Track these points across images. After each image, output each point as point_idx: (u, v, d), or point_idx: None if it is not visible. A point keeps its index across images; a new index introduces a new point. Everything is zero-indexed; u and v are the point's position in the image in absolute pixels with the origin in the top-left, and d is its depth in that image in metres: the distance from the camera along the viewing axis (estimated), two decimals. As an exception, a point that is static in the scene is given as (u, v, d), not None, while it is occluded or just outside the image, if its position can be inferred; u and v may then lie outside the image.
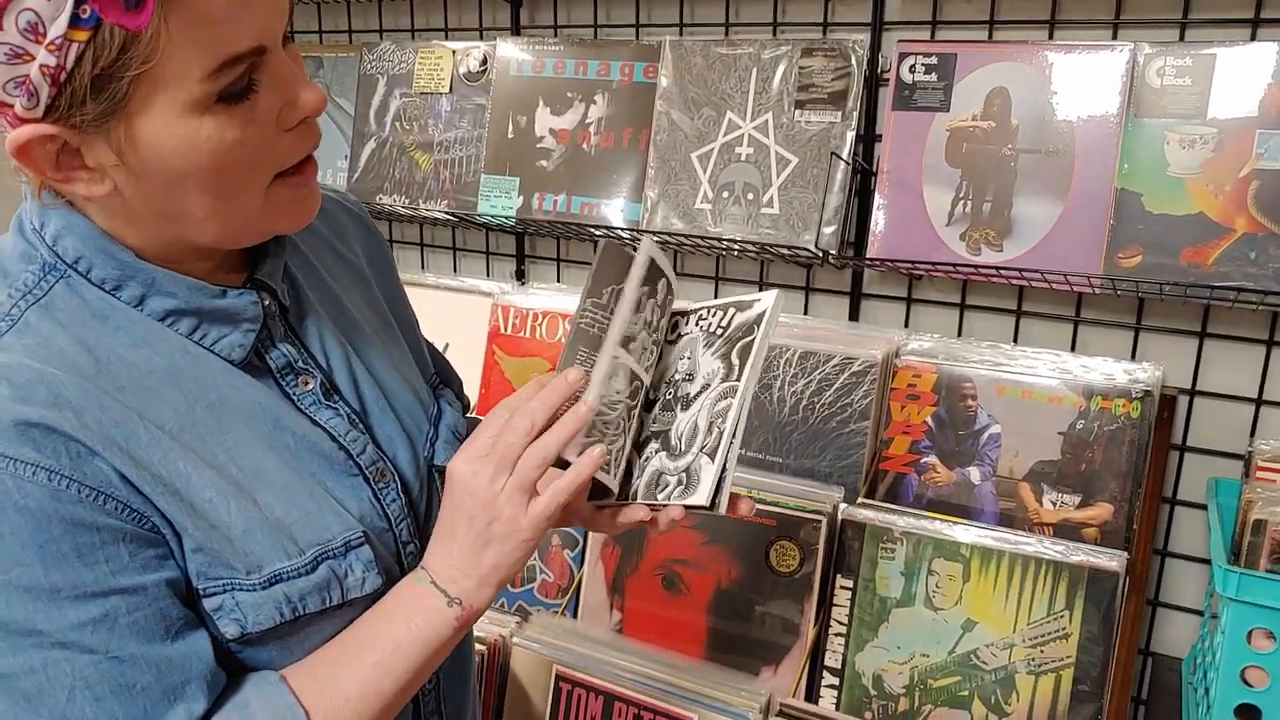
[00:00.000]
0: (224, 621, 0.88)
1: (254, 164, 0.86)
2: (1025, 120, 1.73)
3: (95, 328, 0.87)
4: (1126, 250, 1.67)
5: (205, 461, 0.88)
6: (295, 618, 0.91)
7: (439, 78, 2.35)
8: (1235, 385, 1.77)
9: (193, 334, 0.92)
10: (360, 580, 0.96)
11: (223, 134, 0.82)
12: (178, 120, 0.80)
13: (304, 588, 0.91)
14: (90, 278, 0.88)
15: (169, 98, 0.79)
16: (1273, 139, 1.58)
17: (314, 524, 0.94)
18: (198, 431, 0.89)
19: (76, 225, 0.88)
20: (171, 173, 0.83)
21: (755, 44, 1.95)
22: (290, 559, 0.91)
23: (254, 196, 0.88)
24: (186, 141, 0.81)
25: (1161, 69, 1.64)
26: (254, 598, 0.89)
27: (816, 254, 1.87)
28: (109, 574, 0.82)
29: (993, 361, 1.79)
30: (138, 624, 0.83)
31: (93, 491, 0.81)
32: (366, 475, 1.01)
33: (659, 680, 1.69)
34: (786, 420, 1.87)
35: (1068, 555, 1.58)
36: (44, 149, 0.80)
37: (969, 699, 1.61)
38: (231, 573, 0.88)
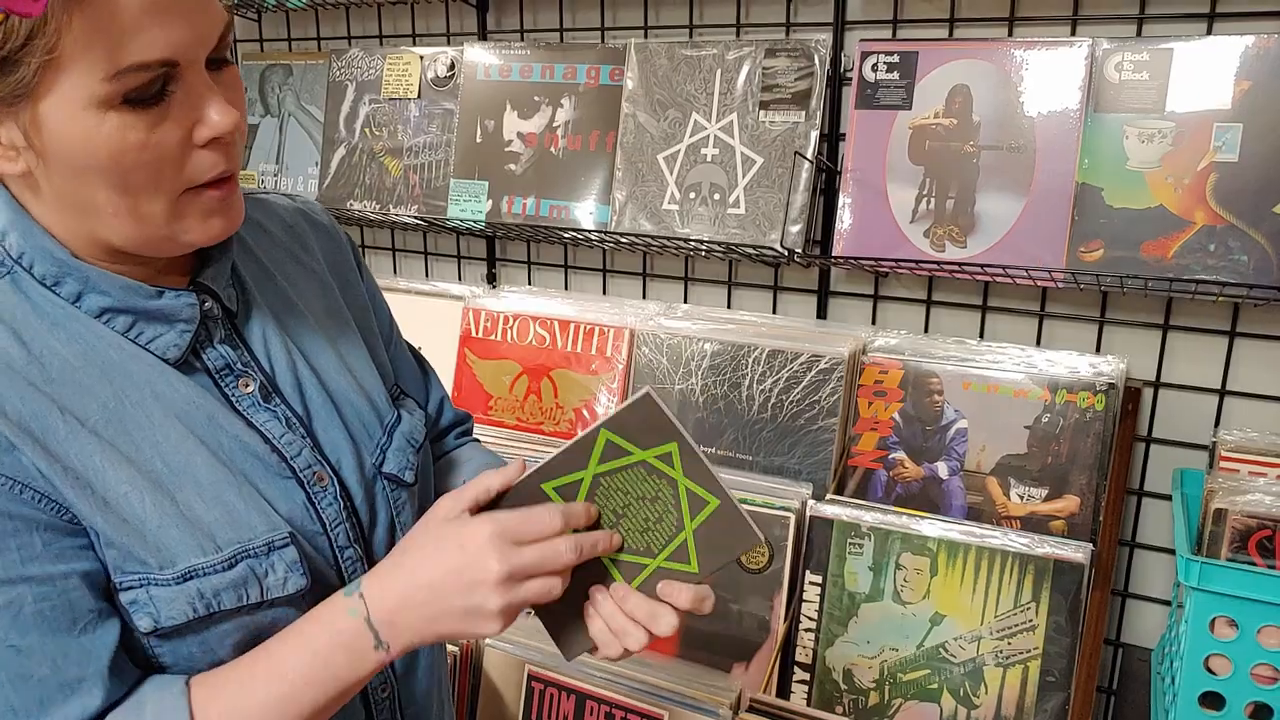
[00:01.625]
0: (138, 615, 0.89)
1: (156, 169, 0.86)
2: (987, 117, 1.75)
3: (33, 323, 0.89)
4: (1088, 244, 1.68)
5: (125, 457, 0.89)
6: (209, 613, 0.91)
7: (407, 83, 2.35)
8: (1199, 376, 1.79)
9: (128, 331, 0.93)
10: (282, 580, 0.95)
11: (124, 134, 0.83)
12: (81, 112, 0.82)
13: (219, 584, 0.91)
14: (33, 273, 0.90)
15: (72, 89, 0.80)
16: (1230, 132, 1.59)
17: (236, 522, 0.93)
18: (123, 427, 0.90)
19: (18, 222, 0.90)
20: (74, 162, 0.84)
21: (719, 45, 1.96)
22: (206, 555, 0.91)
23: (159, 202, 0.88)
24: (86, 134, 0.82)
25: (1120, 64, 1.66)
26: (167, 593, 0.89)
27: (783, 253, 1.88)
28: (18, 562, 0.83)
29: (959, 357, 1.80)
30: (43, 614, 0.84)
31: (9, 480, 0.83)
32: (301, 478, 1.00)
33: (631, 679, 1.69)
34: (755, 418, 1.88)
35: (1033, 548, 1.59)
36: None
37: (938, 692, 1.62)
38: (144, 568, 0.88)
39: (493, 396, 2.17)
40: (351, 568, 1.03)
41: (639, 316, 2.06)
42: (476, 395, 2.18)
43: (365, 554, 1.04)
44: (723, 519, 0.98)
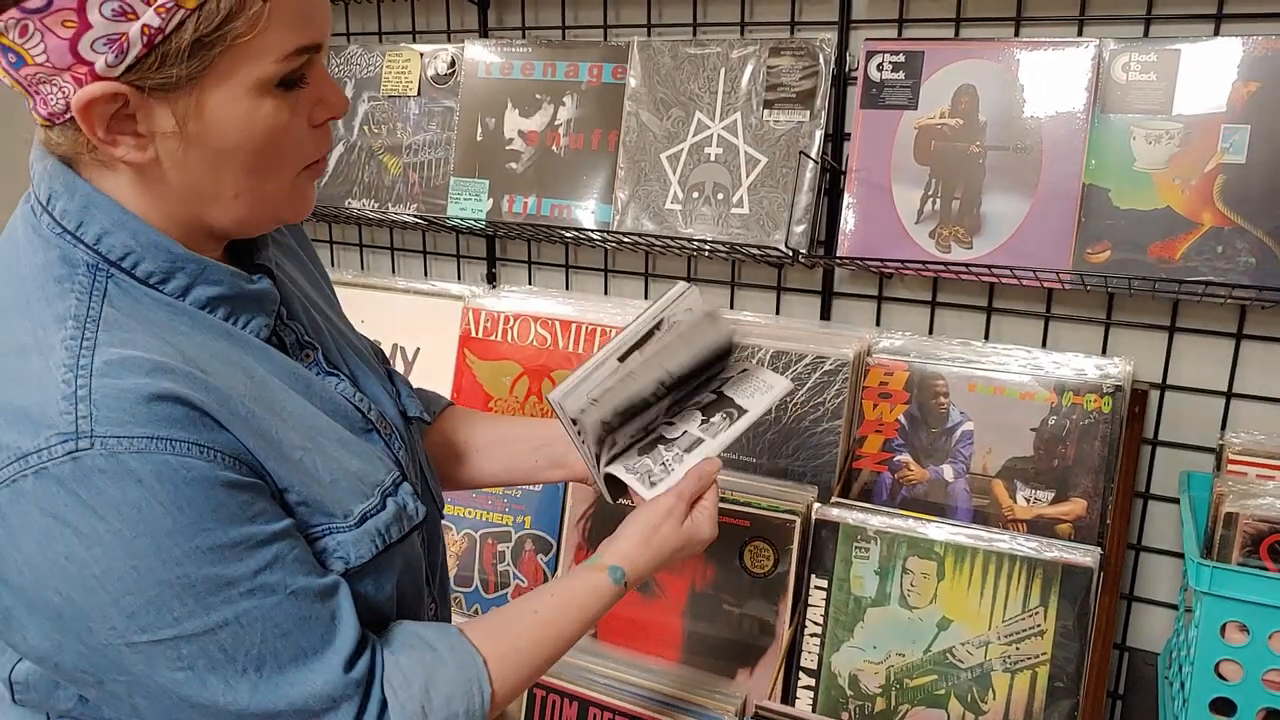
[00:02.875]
0: (331, 561, 0.98)
1: (293, 150, 0.94)
2: (993, 117, 1.73)
3: (154, 319, 0.92)
4: (1095, 246, 1.67)
5: (287, 426, 0.97)
6: (386, 546, 1.03)
7: (407, 81, 2.33)
8: (1206, 379, 1.78)
9: (230, 319, 0.99)
10: (415, 509, 1.08)
11: (277, 116, 0.90)
12: (244, 96, 0.87)
13: (385, 520, 1.03)
14: (136, 273, 0.93)
15: (245, 73, 0.86)
16: (1238, 133, 1.58)
17: (369, 471, 1.05)
18: (266, 402, 0.96)
19: (128, 222, 0.92)
20: (223, 146, 0.89)
21: (723, 44, 1.95)
22: (367, 499, 1.02)
23: (283, 181, 0.96)
24: (247, 117, 0.89)
25: (1127, 64, 1.64)
26: (352, 536, 1.00)
27: (787, 253, 1.87)
28: (267, 523, 0.91)
29: (964, 359, 1.79)
30: (299, 559, 0.93)
31: (232, 459, 0.89)
32: (377, 429, 1.11)
33: (634, 685, 1.68)
34: (759, 420, 1.86)
35: (1041, 552, 1.58)
36: (104, 108, 0.85)
37: (945, 698, 1.61)
38: (329, 519, 0.98)
39: (493, 397, 2.16)
40: (417, 505, 1.12)
41: (641, 317, 2.05)
42: (476, 396, 2.17)
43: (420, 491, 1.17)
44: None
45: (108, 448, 0.82)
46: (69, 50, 0.81)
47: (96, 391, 0.83)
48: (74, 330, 0.86)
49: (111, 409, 0.83)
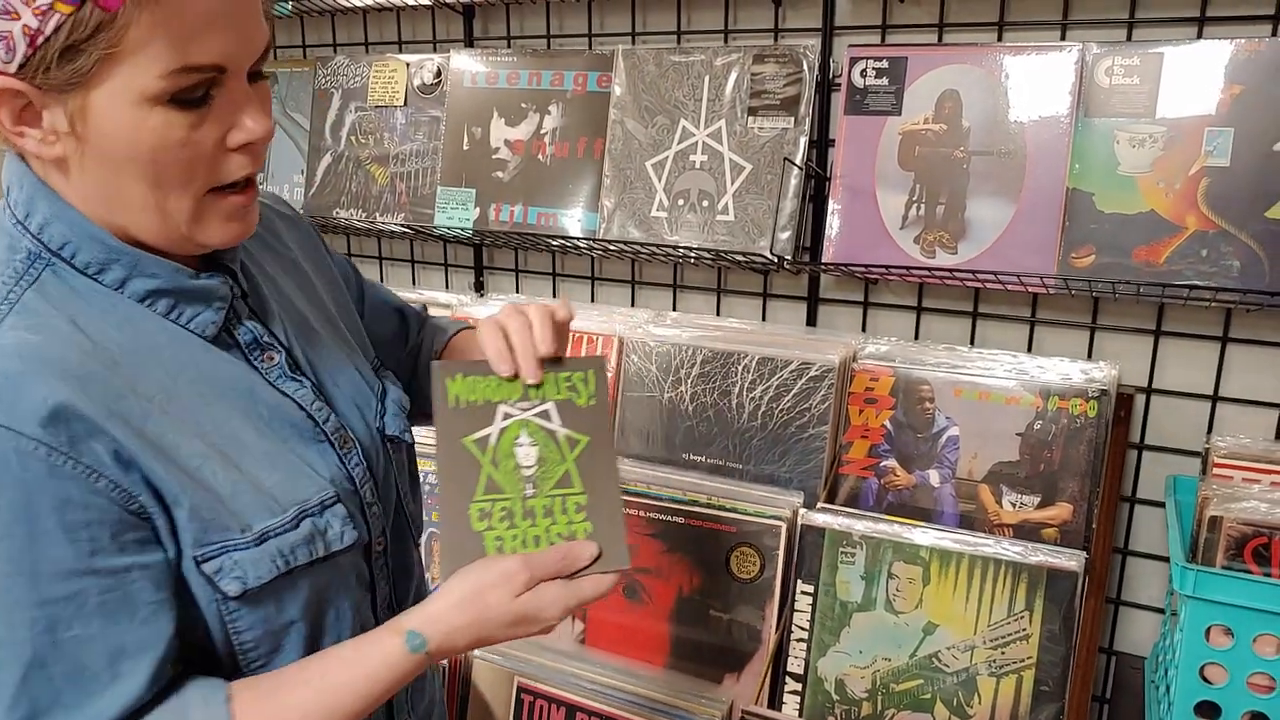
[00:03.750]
0: (225, 581, 0.93)
1: (190, 168, 0.91)
2: (976, 122, 1.74)
3: (83, 309, 0.92)
4: (1079, 250, 1.67)
5: (191, 432, 0.94)
6: (289, 569, 0.97)
7: (393, 91, 2.34)
8: (1192, 382, 1.78)
9: (170, 313, 0.98)
10: (339, 534, 1.02)
11: (167, 131, 0.88)
12: (130, 106, 0.86)
13: (292, 541, 0.98)
14: (75, 263, 0.94)
15: (126, 83, 0.85)
16: (1221, 136, 1.58)
17: (292, 486, 1.00)
18: (182, 404, 0.95)
19: (64, 213, 0.93)
20: (115, 154, 0.88)
21: (707, 51, 1.95)
22: (275, 516, 0.97)
23: (186, 199, 0.93)
24: (131, 127, 0.87)
25: (1110, 68, 1.65)
26: (251, 555, 0.95)
27: (772, 260, 1.87)
28: (87, 554, 0.86)
29: (949, 364, 1.79)
30: (106, 605, 0.87)
31: (87, 469, 0.85)
32: (332, 441, 1.07)
33: (621, 690, 1.68)
34: (745, 426, 1.87)
35: (1026, 556, 1.58)
36: (9, 102, 0.86)
37: (931, 702, 1.60)
38: (225, 534, 0.93)
39: (481, 405, 2.15)
40: (376, 524, 1.11)
41: (628, 324, 2.04)
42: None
43: (384, 511, 1.14)
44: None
45: None
46: None
47: None
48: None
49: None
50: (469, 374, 1.12)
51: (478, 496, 1.10)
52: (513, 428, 1.13)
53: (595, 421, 1.14)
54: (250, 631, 0.97)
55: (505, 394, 1.13)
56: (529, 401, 1.13)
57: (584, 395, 1.15)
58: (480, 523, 1.09)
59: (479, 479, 1.11)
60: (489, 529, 1.09)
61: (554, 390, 1.14)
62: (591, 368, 1.16)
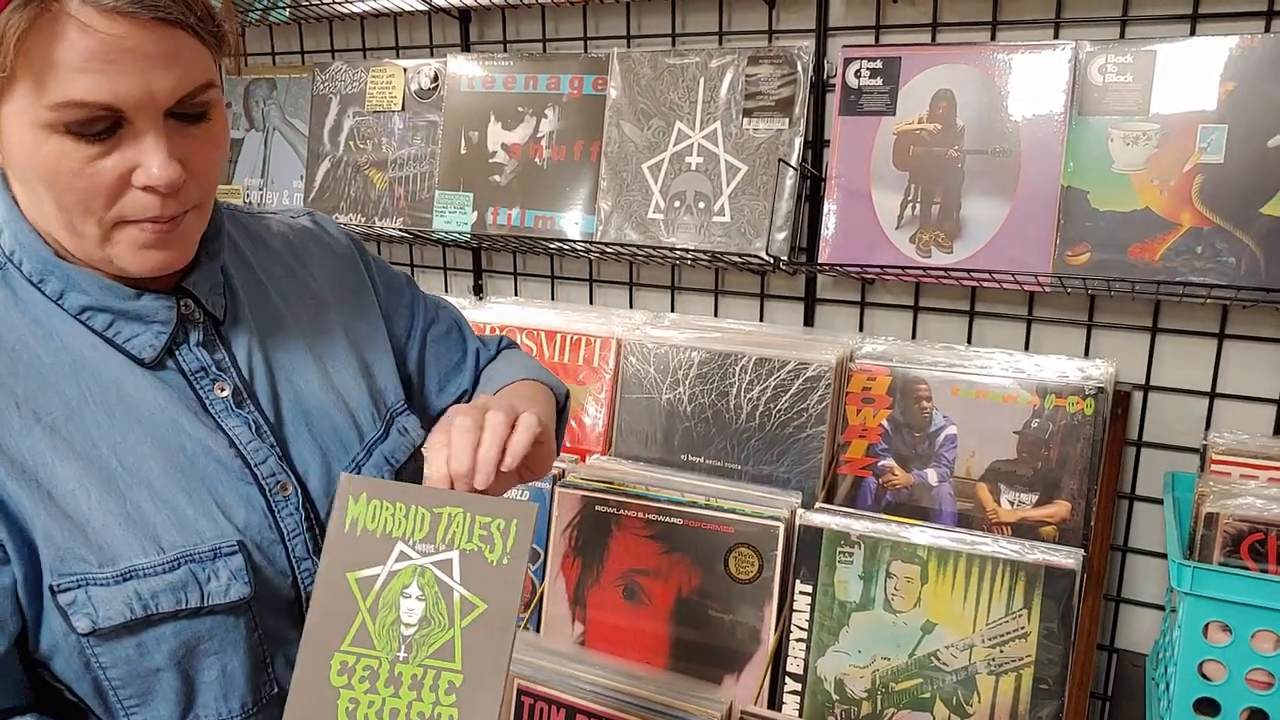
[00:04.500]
0: (76, 616, 0.89)
1: (87, 196, 0.88)
2: (971, 121, 1.74)
3: (15, 318, 0.93)
4: (1075, 248, 1.67)
5: (78, 454, 0.91)
6: (147, 615, 0.91)
7: (391, 96, 2.34)
8: (1188, 379, 1.78)
9: (106, 329, 0.96)
10: (225, 587, 0.95)
11: (61, 159, 0.86)
12: (28, 127, 0.85)
13: (157, 586, 0.92)
14: (23, 270, 0.94)
15: (22, 105, 0.84)
16: (1215, 133, 1.59)
17: (184, 526, 0.95)
18: (82, 424, 0.92)
19: (12, 221, 0.94)
20: (22, 170, 0.88)
21: (702, 53, 1.96)
22: (147, 556, 0.92)
23: (90, 225, 0.90)
24: (30, 148, 0.86)
25: (1103, 66, 1.65)
26: (106, 593, 0.90)
27: (768, 261, 1.87)
28: None
29: (946, 363, 1.79)
30: None
31: None
32: (263, 485, 1.01)
33: (621, 692, 1.68)
34: (743, 427, 1.87)
35: (1024, 554, 1.58)
36: None
37: (931, 701, 1.60)
38: (85, 566, 0.89)
39: (480, 409, 2.16)
40: (308, 579, 1.04)
41: (626, 326, 2.05)
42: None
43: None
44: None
45: None
46: None
47: None
48: None
49: None
50: (376, 496, 0.98)
51: (345, 646, 0.96)
52: (405, 573, 0.97)
53: (502, 585, 0.97)
54: (115, 669, 0.93)
55: (408, 530, 0.98)
56: (432, 545, 0.98)
57: (498, 550, 0.98)
58: (339, 678, 0.95)
59: (352, 625, 0.97)
60: (346, 687, 0.95)
61: (464, 537, 0.98)
62: (516, 517, 0.98)
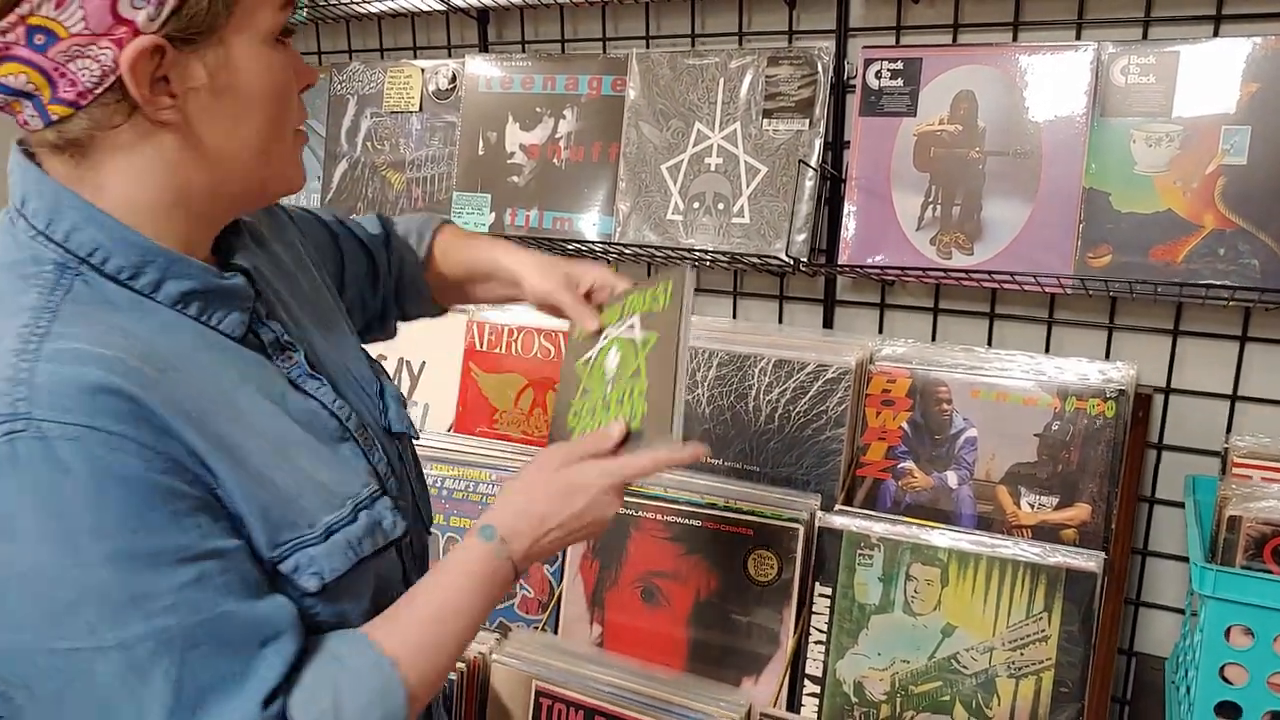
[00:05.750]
0: (304, 578, 0.95)
1: (290, 105, 0.99)
2: (992, 123, 1.74)
3: (121, 317, 0.90)
4: (1096, 250, 1.67)
5: (249, 432, 0.94)
6: (359, 560, 1.00)
7: (409, 96, 2.35)
8: (1210, 382, 1.77)
9: (201, 315, 0.97)
10: (392, 524, 1.06)
11: (285, 69, 0.96)
12: (260, 46, 0.92)
13: (355, 534, 1.00)
14: (105, 269, 0.91)
15: (258, 22, 0.91)
16: (1238, 134, 1.58)
17: (342, 482, 1.02)
18: (235, 408, 0.94)
19: (95, 217, 0.91)
20: (249, 95, 0.93)
21: (721, 54, 1.96)
22: (334, 512, 0.99)
23: (285, 139, 0.99)
24: (265, 66, 0.93)
25: (1125, 68, 1.64)
26: (322, 549, 0.97)
27: (788, 262, 1.87)
28: (200, 538, 0.87)
29: (966, 365, 1.78)
30: (229, 584, 0.88)
31: (173, 463, 0.85)
32: (355, 438, 1.08)
33: (639, 693, 1.68)
34: (762, 429, 1.87)
35: (1045, 557, 1.57)
36: (147, 65, 0.86)
37: (950, 704, 1.60)
38: (296, 532, 0.95)
39: (498, 410, 2.16)
40: (402, 516, 1.11)
41: (644, 328, 2.05)
42: (481, 408, 2.17)
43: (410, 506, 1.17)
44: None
45: (41, 431, 0.80)
46: (109, 11, 0.84)
47: (39, 375, 0.82)
48: (29, 320, 0.86)
49: (52, 394, 0.81)
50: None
51: (574, 401, 1.32)
52: (607, 345, 1.31)
53: (667, 322, 1.22)
54: (327, 622, 0.99)
55: (607, 320, 1.34)
56: (622, 321, 1.31)
57: (662, 301, 1.25)
58: (573, 420, 1.30)
59: (578, 389, 1.33)
60: (578, 424, 1.28)
61: (641, 305, 1.29)
62: (672, 277, 1.26)
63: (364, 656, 0.97)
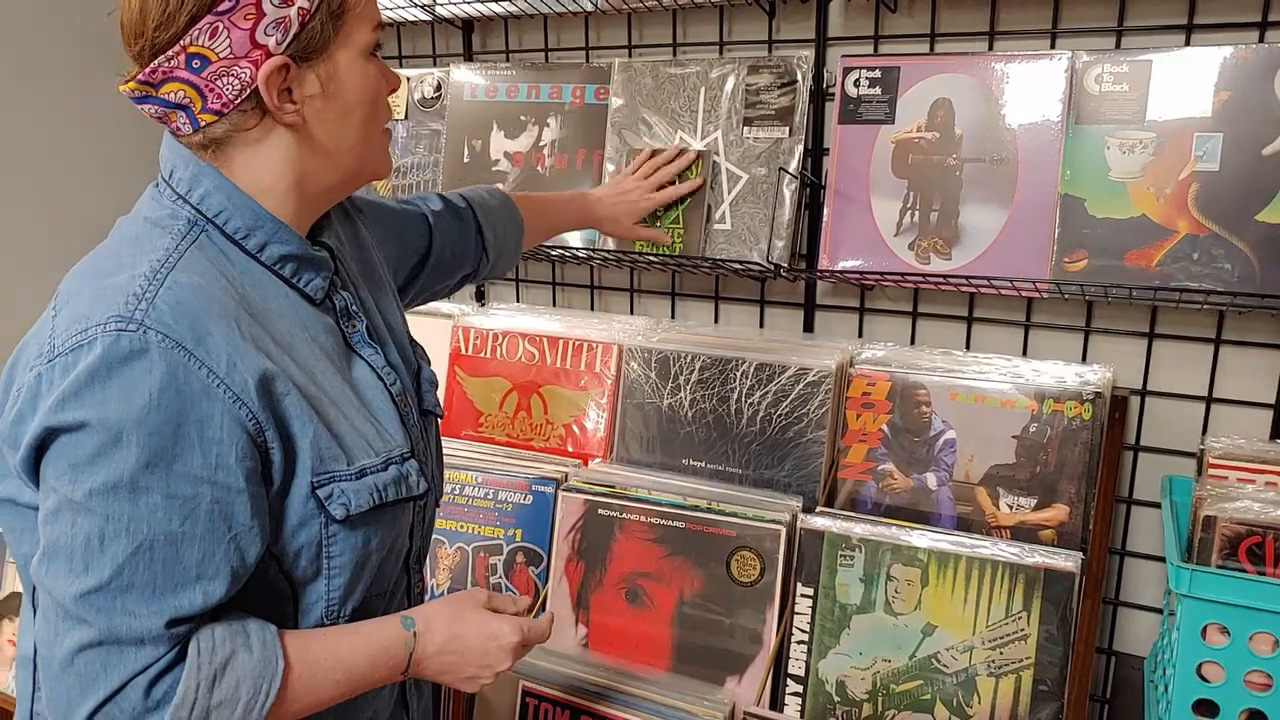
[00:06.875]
0: (333, 505, 1.11)
1: (382, 107, 1.19)
2: (969, 130, 1.76)
3: (229, 268, 1.11)
4: (1072, 254, 1.69)
5: (311, 377, 1.12)
6: (381, 503, 1.15)
7: (394, 105, 2.36)
8: (1185, 384, 1.80)
9: (294, 277, 1.17)
10: (416, 482, 1.22)
11: (379, 77, 1.16)
12: (359, 59, 1.12)
13: (384, 479, 1.16)
14: (226, 228, 1.12)
15: (357, 39, 1.11)
16: (1210, 141, 1.61)
17: (380, 437, 1.18)
18: (303, 355, 1.13)
19: (224, 185, 1.11)
20: (351, 101, 1.13)
21: (703, 63, 1.98)
22: (370, 458, 1.15)
23: (378, 135, 1.20)
24: (363, 76, 1.13)
25: (1099, 76, 1.67)
26: (353, 486, 1.12)
27: (769, 267, 1.89)
28: (213, 466, 1.01)
29: (945, 368, 1.81)
30: (212, 515, 1.02)
31: (234, 396, 1.01)
32: (397, 404, 1.25)
33: (625, 693, 1.69)
34: (744, 431, 1.89)
35: (1023, 557, 1.59)
36: (277, 79, 1.07)
37: (931, 702, 1.62)
38: (337, 466, 1.11)
39: (483, 413, 2.18)
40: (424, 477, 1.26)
41: (627, 332, 2.07)
42: (466, 412, 2.19)
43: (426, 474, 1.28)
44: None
45: (145, 336, 0.98)
46: (249, 39, 1.04)
47: (161, 297, 1.01)
48: (161, 256, 1.06)
49: (165, 312, 1.00)
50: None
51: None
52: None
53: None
54: (340, 557, 1.13)
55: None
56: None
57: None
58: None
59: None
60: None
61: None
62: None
63: (269, 648, 1.07)
